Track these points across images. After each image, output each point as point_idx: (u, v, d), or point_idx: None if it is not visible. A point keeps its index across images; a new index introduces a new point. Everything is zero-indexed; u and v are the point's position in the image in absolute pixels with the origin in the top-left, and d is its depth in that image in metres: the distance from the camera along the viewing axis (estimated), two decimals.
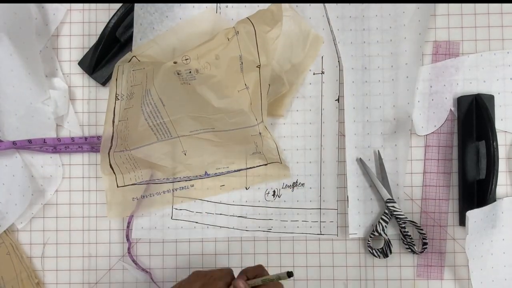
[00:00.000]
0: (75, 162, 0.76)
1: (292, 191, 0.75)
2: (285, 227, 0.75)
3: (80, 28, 0.76)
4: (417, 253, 0.72)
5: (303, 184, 0.75)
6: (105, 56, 0.74)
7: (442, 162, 0.74)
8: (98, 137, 0.75)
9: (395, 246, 0.74)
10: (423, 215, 0.74)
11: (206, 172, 0.74)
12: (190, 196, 0.75)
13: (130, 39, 0.73)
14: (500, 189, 0.73)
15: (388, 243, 0.72)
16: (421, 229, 0.71)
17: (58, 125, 0.75)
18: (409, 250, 0.72)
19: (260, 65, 0.64)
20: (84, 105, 0.76)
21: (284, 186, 0.75)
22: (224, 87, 0.64)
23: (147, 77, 0.67)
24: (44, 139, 0.73)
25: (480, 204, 0.69)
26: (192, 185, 0.75)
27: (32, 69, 0.71)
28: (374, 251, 0.73)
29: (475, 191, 0.71)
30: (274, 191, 0.75)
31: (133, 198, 0.73)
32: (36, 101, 0.72)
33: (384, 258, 0.72)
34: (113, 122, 0.70)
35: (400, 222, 0.71)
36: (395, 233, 0.73)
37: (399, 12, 0.73)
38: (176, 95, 0.66)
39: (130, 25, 0.72)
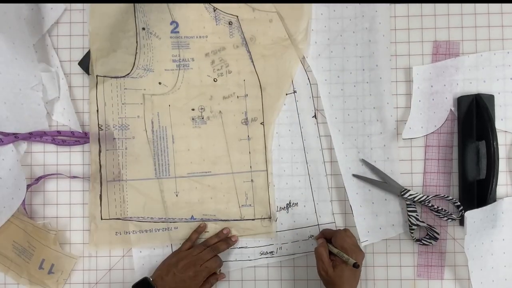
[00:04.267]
0: (75, 162, 0.76)
1: (287, 212, 0.75)
2: (287, 249, 0.75)
3: (80, 28, 0.76)
4: (457, 220, 0.72)
5: (296, 204, 0.75)
6: None
7: (442, 162, 0.74)
8: None
9: (395, 245, 0.74)
10: (424, 215, 0.74)
11: (192, 216, 0.75)
12: (170, 238, 0.75)
13: None
14: (500, 189, 0.73)
15: (430, 228, 0.72)
16: (447, 197, 0.72)
17: (50, 113, 0.75)
18: (449, 220, 0.72)
19: (263, 122, 0.75)
20: (84, 105, 0.76)
21: (278, 209, 0.75)
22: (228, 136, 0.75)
23: (159, 115, 0.74)
24: (45, 132, 0.74)
25: (480, 204, 0.69)
26: (176, 228, 0.75)
27: (19, 54, 0.70)
28: (422, 241, 0.72)
29: (475, 191, 0.71)
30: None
31: (116, 232, 0.74)
32: (25, 87, 0.71)
33: (436, 241, 0.72)
34: (99, 152, 0.74)
35: (426, 203, 0.71)
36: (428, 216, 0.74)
37: (358, 16, 0.74)
38: (186, 136, 0.75)
39: None
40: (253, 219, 0.75)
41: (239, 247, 0.75)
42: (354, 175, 0.74)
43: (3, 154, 0.72)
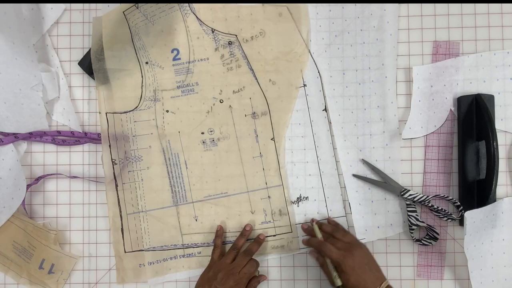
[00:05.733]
0: (75, 162, 0.76)
1: (298, 206, 0.75)
2: (298, 243, 0.75)
3: (80, 28, 0.76)
4: (457, 220, 0.72)
5: (307, 198, 0.75)
6: None
7: (442, 162, 0.74)
8: (98, 134, 0.75)
9: (395, 245, 0.74)
10: (424, 215, 0.74)
11: (213, 240, 0.75)
12: (194, 263, 0.76)
13: None
14: (500, 189, 0.73)
15: (429, 228, 0.72)
16: (447, 197, 0.72)
17: (50, 113, 0.75)
18: (449, 220, 0.72)
19: (274, 138, 0.74)
20: (84, 105, 0.76)
21: (289, 203, 0.75)
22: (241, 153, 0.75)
23: (170, 143, 0.75)
24: (45, 132, 0.74)
25: (480, 204, 0.69)
26: (200, 252, 0.75)
27: (19, 54, 0.70)
28: (422, 241, 0.72)
29: (475, 191, 0.71)
30: (280, 210, 0.75)
31: (140, 264, 0.75)
32: (25, 87, 0.71)
33: (436, 241, 0.72)
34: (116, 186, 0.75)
35: (426, 203, 0.71)
36: (428, 216, 0.74)
37: (367, 15, 0.74)
38: (199, 159, 0.75)
39: None
40: (274, 235, 0.75)
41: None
42: (354, 175, 0.74)
43: (3, 154, 0.72)
